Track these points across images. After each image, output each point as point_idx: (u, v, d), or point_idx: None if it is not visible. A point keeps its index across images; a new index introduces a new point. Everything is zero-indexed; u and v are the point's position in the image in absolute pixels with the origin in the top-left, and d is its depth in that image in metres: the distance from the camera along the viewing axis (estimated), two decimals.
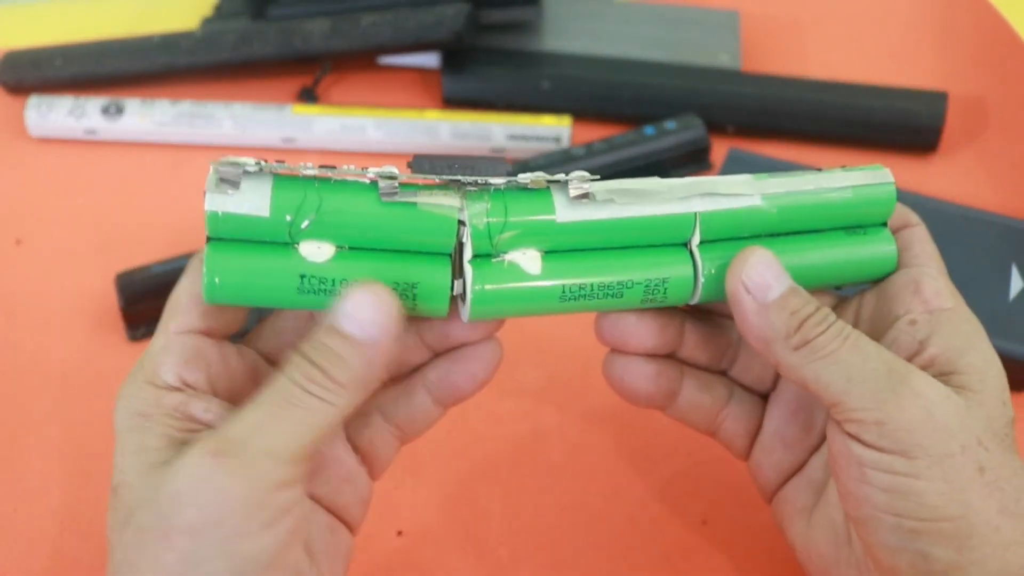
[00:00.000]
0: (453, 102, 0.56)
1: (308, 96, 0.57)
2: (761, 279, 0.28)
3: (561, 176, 0.28)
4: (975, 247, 0.46)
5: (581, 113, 0.56)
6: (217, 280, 0.27)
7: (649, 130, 0.52)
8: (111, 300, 0.46)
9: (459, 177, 0.28)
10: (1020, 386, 0.44)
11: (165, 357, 0.28)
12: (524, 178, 0.28)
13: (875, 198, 0.31)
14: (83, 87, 0.56)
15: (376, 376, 0.27)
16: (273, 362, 0.31)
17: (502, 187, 0.28)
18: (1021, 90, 0.58)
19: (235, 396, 0.28)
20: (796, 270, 0.29)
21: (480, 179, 0.28)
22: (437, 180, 0.27)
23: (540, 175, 0.28)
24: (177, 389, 0.27)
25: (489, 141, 0.54)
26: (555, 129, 0.54)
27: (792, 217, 0.30)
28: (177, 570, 0.25)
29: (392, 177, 0.27)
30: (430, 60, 0.58)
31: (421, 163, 0.28)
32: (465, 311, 0.29)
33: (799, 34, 0.63)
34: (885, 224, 0.32)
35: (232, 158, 0.26)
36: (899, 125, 0.54)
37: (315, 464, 0.29)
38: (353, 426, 0.31)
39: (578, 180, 0.28)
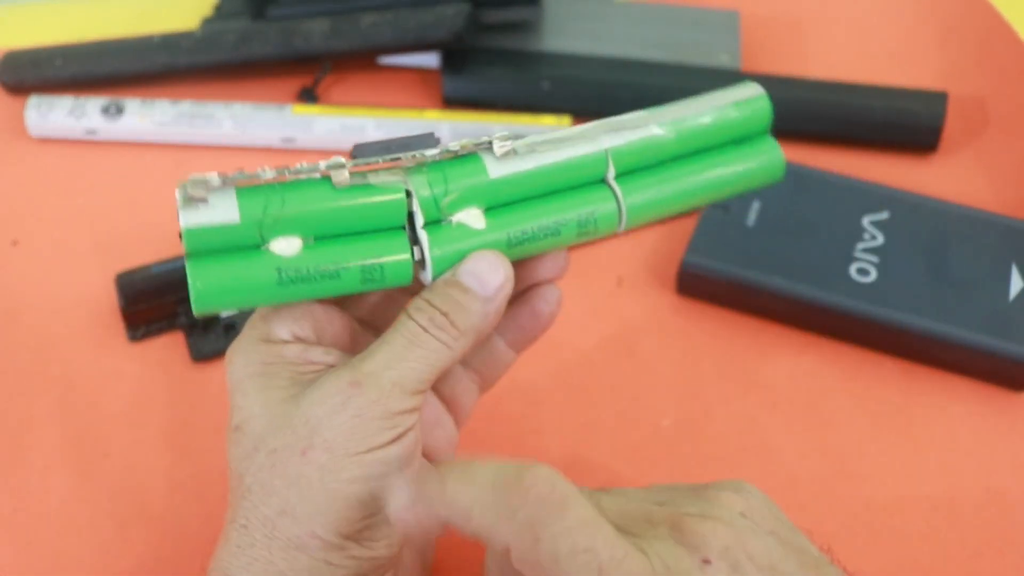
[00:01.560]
0: (453, 102, 0.56)
1: (308, 96, 0.57)
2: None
3: (485, 138, 0.31)
4: (975, 247, 0.46)
5: (581, 113, 0.55)
6: (202, 289, 0.29)
7: None
8: (111, 300, 0.46)
9: (398, 155, 0.30)
10: (1020, 386, 0.44)
11: (277, 317, 0.31)
12: (454, 146, 0.31)
13: (753, 111, 0.35)
14: (83, 87, 0.56)
15: (487, 328, 0.31)
16: (363, 322, 0.34)
17: (437, 158, 0.31)
18: (1021, 90, 0.58)
19: (338, 347, 0.32)
20: (700, 187, 0.33)
21: (417, 154, 0.30)
22: (381, 162, 0.30)
23: (467, 140, 0.31)
24: (292, 342, 0.31)
25: None
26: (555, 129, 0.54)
27: (688, 139, 0.34)
28: (315, 479, 0.28)
29: (341, 165, 0.30)
30: (430, 60, 0.58)
31: (362, 149, 0.31)
32: (427, 274, 0.31)
33: (799, 34, 0.63)
34: (766, 132, 0.35)
35: (196, 175, 0.29)
36: (899, 125, 0.54)
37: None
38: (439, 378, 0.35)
39: (500, 139, 0.31)
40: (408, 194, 0.30)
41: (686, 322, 0.46)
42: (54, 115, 0.54)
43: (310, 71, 0.58)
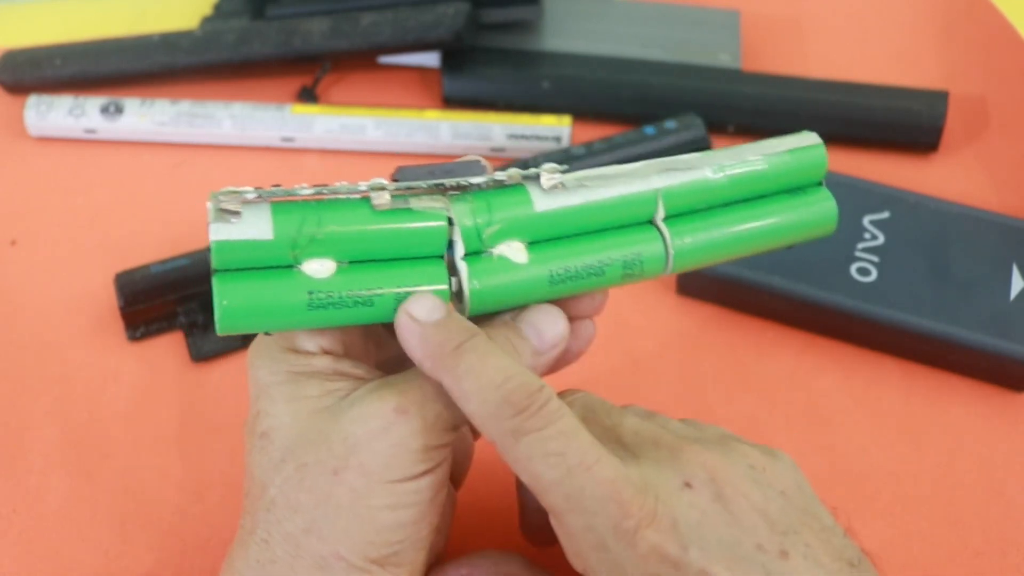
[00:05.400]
0: (453, 102, 0.56)
1: (308, 96, 0.57)
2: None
3: (533, 170, 0.30)
4: (975, 247, 0.46)
5: (581, 113, 0.55)
6: (228, 308, 0.27)
7: (649, 130, 0.52)
8: (111, 300, 0.46)
9: (442, 181, 0.29)
10: (1020, 386, 0.44)
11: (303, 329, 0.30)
12: (500, 175, 0.30)
13: (809, 159, 0.33)
14: (82, 87, 0.56)
15: None
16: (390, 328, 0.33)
17: (482, 186, 0.30)
18: (1022, 89, 0.58)
19: (365, 358, 0.31)
20: (750, 236, 0.32)
21: (462, 181, 0.30)
22: (424, 186, 0.29)
23: (515, 171, 0.30)
24: (319, 354, 0.30)
25: (489, 141, 0.54)
26: (555, 129, 0.54)
27: (741, 185, 0.32)
28: (346, 501, 0.28)
29: (382, 188, 0.29)
30: (430, 60, 0.58)
31: (405, 173, 0.29)
32: (465, 307, 0.30)
33: (799, 34, 0.62)
34: (821, 183, 0.34)
35: (230, 188, 0.27)
36: (900, 124, 0.54)
37: None
38: None
39: (548, 172, 0.30)
40: (450, 222, 0.29)
41: (686, 322, 0.46)
42: (53, 115, 0.54)
43: (310, 71, 0.58)
